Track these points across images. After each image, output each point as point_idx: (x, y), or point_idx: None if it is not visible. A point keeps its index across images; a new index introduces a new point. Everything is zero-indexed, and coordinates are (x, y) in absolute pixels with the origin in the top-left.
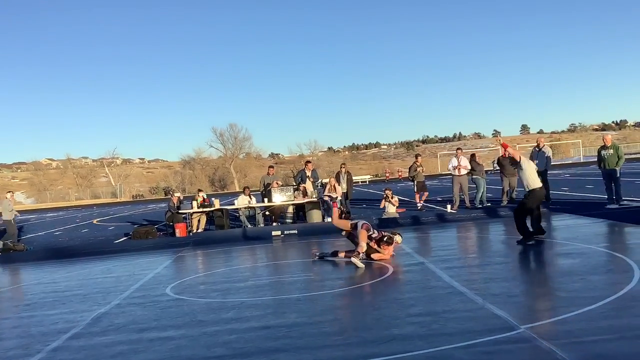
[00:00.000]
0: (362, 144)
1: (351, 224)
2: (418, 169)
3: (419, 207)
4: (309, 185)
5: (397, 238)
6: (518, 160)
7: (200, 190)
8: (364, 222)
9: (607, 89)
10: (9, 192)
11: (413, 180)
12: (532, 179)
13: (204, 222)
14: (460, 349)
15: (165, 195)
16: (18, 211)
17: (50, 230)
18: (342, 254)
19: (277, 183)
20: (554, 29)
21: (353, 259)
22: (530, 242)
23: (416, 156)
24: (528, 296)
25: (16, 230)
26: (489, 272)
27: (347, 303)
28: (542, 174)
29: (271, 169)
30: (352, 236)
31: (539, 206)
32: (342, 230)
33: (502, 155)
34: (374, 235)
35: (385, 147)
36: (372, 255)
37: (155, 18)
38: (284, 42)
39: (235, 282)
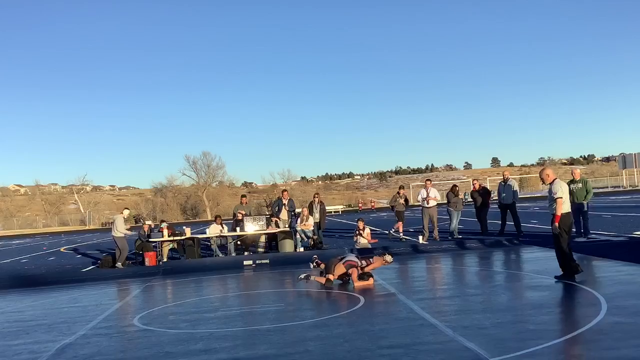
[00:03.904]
0: (335, 174)
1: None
2: (398, 200)
3: (393, 233)
4: (284, 214)
5: (388, 257)
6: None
7: (163, 221)
8: (348, 259)
9: (576, 125)
10: (126, 208)
11: (393, 209)
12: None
13: (167, 250)
14: None
15: (136, 223)
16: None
17: (16, 257)
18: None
19: (240, 213)
20: (524, 64)
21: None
22: (570, 280)
23: (400, 187)
24: (498, 328)
25: (120, 250)
26: (460, 304)
27: (318, 334)
28: (510, 206)
29: (244, 198)
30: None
31: (568, 240)
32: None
33: (473, 189)
34: (362, 265)
35: (359, 177)
36: (366, 269)
37: (127, 43)
38: (257, 70)
39: (205, 313)
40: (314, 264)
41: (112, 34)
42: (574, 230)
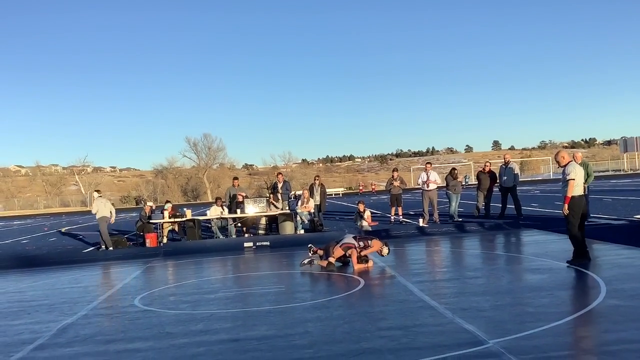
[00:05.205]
0: (336, 157)
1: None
2: (394, 183)
3: (391, 220)
4: (278, 196)
5: (384, 250)
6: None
7: (167, 201)
8: (344, 242)
9: (577, 108)
10: (97, 190)
11: (390, 193)
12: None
13: (166, 231)
14: None
15: (137, 204)
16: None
17: (17, 238)
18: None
19: (240, 195)
20: (524, 47)
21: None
22: (580, 264)
23: (393, 170)
24: (497, 311)
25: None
26: (459, 287)
27: (317, 316)
28: (510, 190)
29: (236, 180)
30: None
31: (583, 224)
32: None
33: (481, 170)
34: (360, 245)
35: (360, 160)
36: (362, 253)
37: (129, 26)
38: (259, 53)
39: (206, 294)
40: (311, 252)
41: (112, 16)
42: None
